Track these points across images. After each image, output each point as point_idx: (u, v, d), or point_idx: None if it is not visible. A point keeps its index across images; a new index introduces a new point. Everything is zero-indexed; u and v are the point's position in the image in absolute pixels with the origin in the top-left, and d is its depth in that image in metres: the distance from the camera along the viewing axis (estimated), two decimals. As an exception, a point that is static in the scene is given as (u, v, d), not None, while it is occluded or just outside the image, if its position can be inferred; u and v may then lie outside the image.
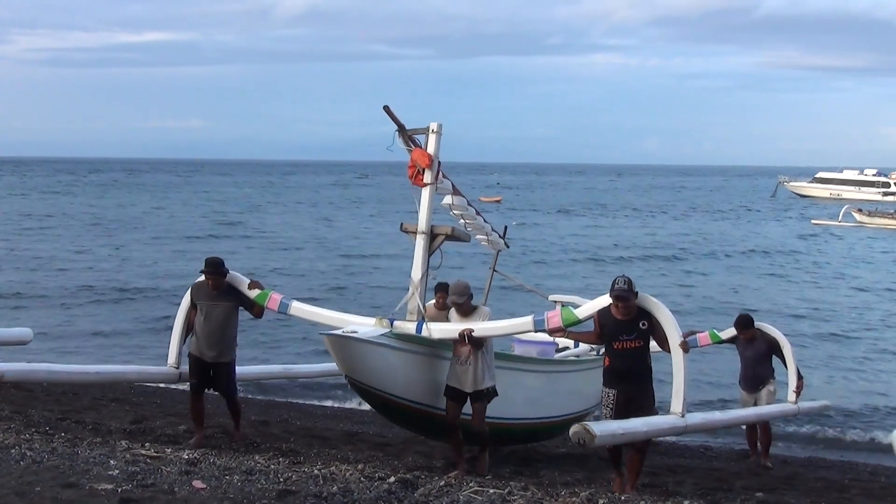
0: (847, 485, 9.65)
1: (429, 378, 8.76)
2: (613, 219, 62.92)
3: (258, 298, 9.31)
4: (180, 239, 42.70)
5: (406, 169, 9.48)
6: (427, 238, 9.28)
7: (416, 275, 9.21)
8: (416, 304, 9.14)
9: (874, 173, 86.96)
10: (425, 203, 9.28)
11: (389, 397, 8.48)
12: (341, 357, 8.15)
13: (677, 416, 8.13)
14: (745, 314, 11.28)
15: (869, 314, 25.54)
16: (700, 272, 34.45)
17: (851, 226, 55.74)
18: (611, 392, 8.11)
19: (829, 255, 41.69)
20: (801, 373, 10.84)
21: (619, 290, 7.93)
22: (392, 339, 8.45)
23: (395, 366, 8.40)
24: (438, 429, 8.93)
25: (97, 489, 6.62)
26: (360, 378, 8.30)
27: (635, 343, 8.00)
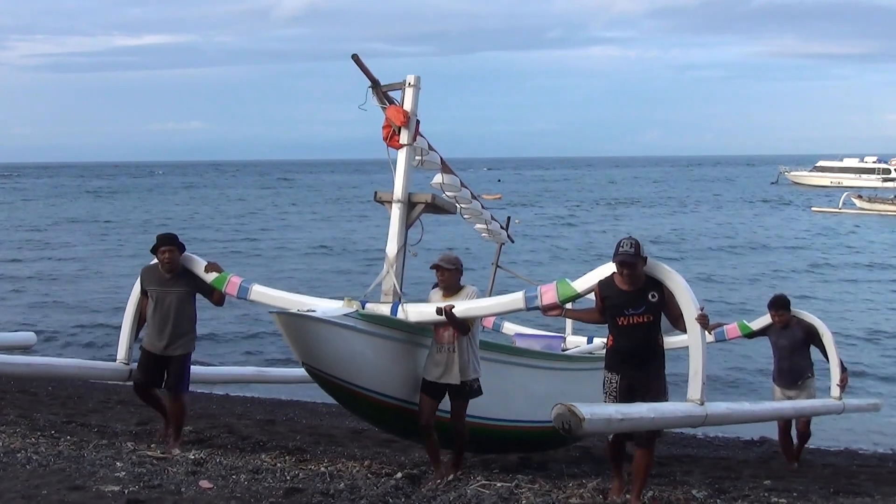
0: (855, 471, 9.65)
1: (405, 368, 7.68)
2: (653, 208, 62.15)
3: (215, 283, 8.35)
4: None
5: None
6: (404, 207, 8.23)
7: (392, 250, 8.14)
8: (391, 284, 8.07)
9: (874, 160, 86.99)
10: (401, 167, 8.24)
11: (356, 389, 7.37)
12: (295, 340, 7.02)
13: (695, 404, 6.89)
14: (781, 294, 10.07)
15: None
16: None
17: (852, 212, 55.72)
18: (613, 377, 7.00)
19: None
20: (844, 364, 9.80)
21: (624, 254, 6.81)
22: (359, 322, 7.34)
23: (363, 353, 7.31)
24: (414, 428, 7.88)
25: (104, 491, 6.61)
26: (319, 366, 7.19)
27: (643, 318, 6.87)
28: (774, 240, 42.69)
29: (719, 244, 40.64)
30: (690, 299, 6.85)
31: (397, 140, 8.25)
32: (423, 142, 8.62)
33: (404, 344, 7.64)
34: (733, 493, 7.79)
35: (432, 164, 9.08)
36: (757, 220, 53.48)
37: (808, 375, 9.67)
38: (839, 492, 8.20)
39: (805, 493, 7.99)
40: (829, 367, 9.65)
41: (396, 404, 7.60)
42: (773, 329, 9.78)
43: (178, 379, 8.44)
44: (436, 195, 8.47)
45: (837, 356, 9.65)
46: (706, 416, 7.02)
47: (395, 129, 8.23)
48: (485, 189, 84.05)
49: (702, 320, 6.82)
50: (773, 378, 9.97)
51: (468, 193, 10.12)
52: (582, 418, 6.08)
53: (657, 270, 6.94)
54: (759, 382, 15.25)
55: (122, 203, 74.24)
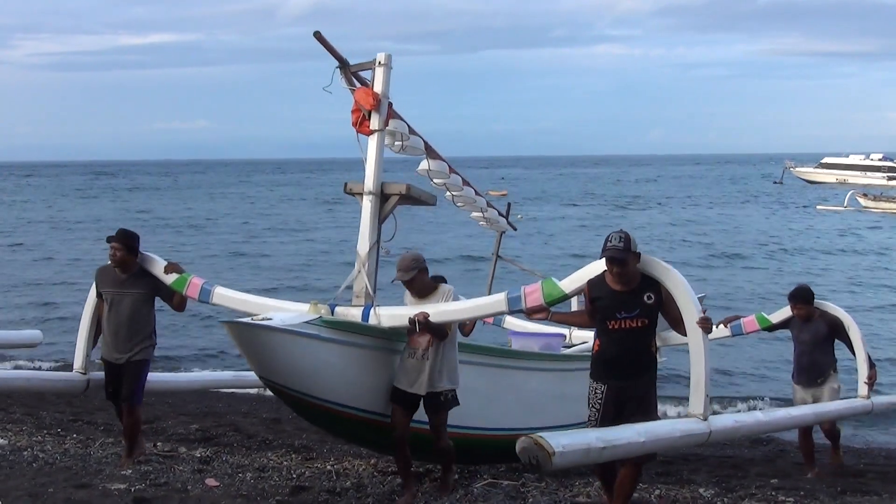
0: (862, 469, 9.60)
1: (378, 378, 6.90)
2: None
3: (175, 285, 7.57)
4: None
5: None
6: (376, 200, 7.47)
7: (364, 247, 7.37)
8: (363, 285, 7.33)
9: (880, 157, 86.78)
10: (372, 155, 7.51)
11: (322, 404, 6.59)
12: (249, 352, 6.25)
13: (697, 419, 6.10)
14: (804, 286, 9.15)
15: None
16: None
17: (856, 210, 55.60)
18: (599, 387, 6.15)
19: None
20: (872, 360, 9.02)
21: (613, 249, 5.98)
22: (323, 329, 6.57)
23: (329, 363, 6.54)
24: (391, 442, 7.08)
25: (110, 489, 6.62)
26: (277, 379, 6.41)
27: (637, 322, 6.04)
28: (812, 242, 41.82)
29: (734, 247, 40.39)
30: (691, 300, 6.07)
31: (367, 125, 7.54)
32: (401, 125, 7.91)
33: (377, 351, 6.89)
34: (740, 492, 7.76)
35: (415, 149, 8.34)
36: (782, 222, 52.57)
37: (831, 372, 8.87)
38: (846, 490, 8.16)
39: (812, 491, 7.96)
40: (857, 364, 8.94)
41: (371, 418, 6.85)
42: (794, 322, 8.98)
43: (132, 389, 7.58)
44: (411, 185, 7.64)
45: (866, 351, 8.88)
46: (710, 433, 6.15)
47: (365, 114, 7.53)
48: (490, 186, 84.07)
49: (704, 324, 6.04)
50: (792, 375, 9.17)
51: (459, 180, 9.37)
52: (551, 452, 5.04)
53: (653, 268, 6.13)
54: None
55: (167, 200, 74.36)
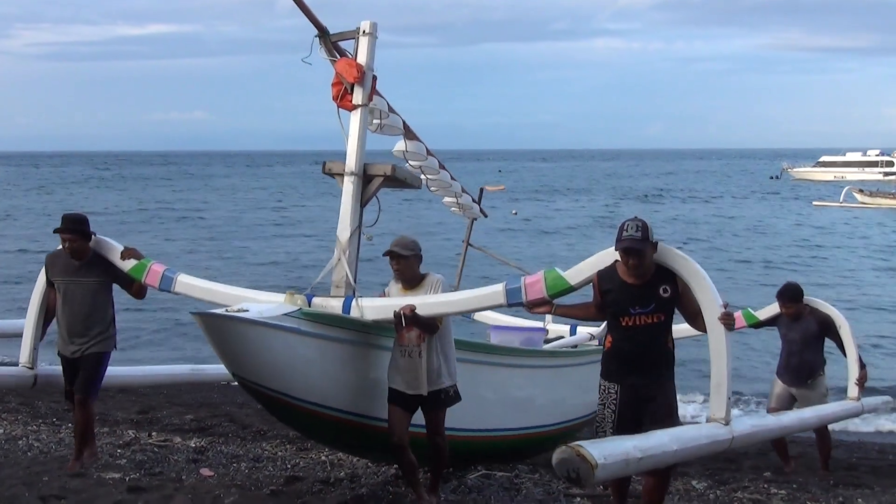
0: (855, 463, 9.63)
1: (361, 377, 6.37)
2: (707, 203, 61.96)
3: (133, 272, 6.98)
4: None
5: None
6: (358, 181, 6.91)
7: (344, 233, 6.81)
8: (343, 274, 6.76)
9: (877, 153, 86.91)
10: (355, 133, 6.92)
11: (301, 405, 6.03)
12: (223, 347, 5.64)
13: (719, 424, 5.62)
14: (793, 283, 8.78)
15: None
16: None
17: (853, 206, 55.67)
18: (612, 387, 5.73)
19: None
20: (863, 360, 8.71)
21: (630, 239, 5.50)
22: (303, 322, 6.00)
23: (309, 360, 5.99)
24: (377, 446, 6.65)
25: (105, 478, 6.63)
26: (253, 378, 5.84)
27: (653, 318, 5.59)
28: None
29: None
30: (711, 294, 5.55)
31: (350, 100, 6.97)
32: (381, 102, 7.42)
33: (360, 347, 6.36)
34: (733, 485, 7.80)
35: (393, 128, 7.82)
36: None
37: (820, 373, 8.54)
38: (839, 484, 8.20)
39: (805, 484, 8.00)
40: (847, 364, 8.62)
41: (353, 420, 6.36)
42: (782, 319, 8.65)
43: (87, 383, 6.98)
44: (396, 166, 7.14)
45: (856, 351, 8.56)
46: (732, 438, 5.70)
47: (348, 87, 6.94)
48: (487, 180, 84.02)
49: (726, 320, 5.51)
50: (776, 372, 8.83)
51: (436, 163, 8.87)
52: (594, 464, 4.58)
53: (669, 258, 5.63)
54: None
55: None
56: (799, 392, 8.54)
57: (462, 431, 6.98)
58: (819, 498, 7.33)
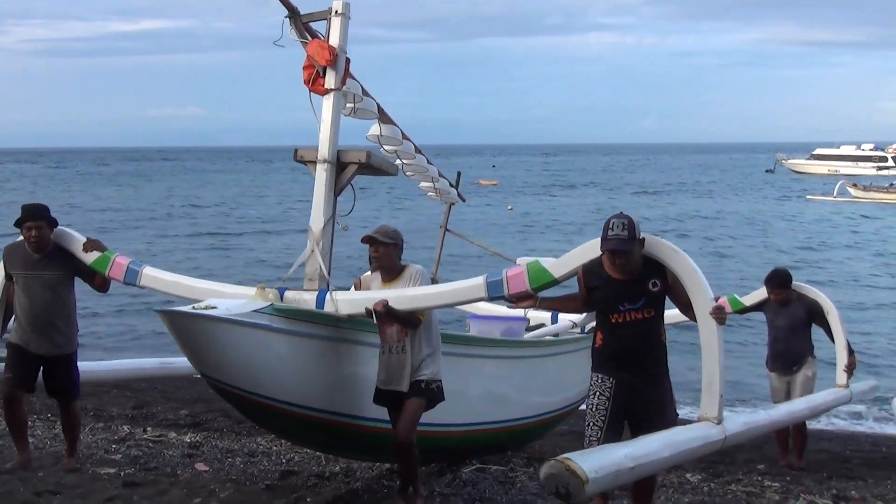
0: (848, 456, 9.66)
1: (337, 374, 6.09)
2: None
3: (97, 264, 6.66)
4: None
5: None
6: (332, 169, 6.62)
7: (317, 223, 6.53)
8: (316, 266, 6.47)
9: (871, 148, 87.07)
10: (328, 118, 6.65)
11: (275, 405, 5.76)
12: (190, 346, 5.38)
13: (711, 423, 5.40)
14: (782, 269, 8.58)
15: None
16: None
17: (846, 201, 55.76)
18: (606, 380, 5.49)
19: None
20: (851, 346, 8.48)
21: (615, 239, 5.27)
22: (275, 318, 5.75)
23: (281, 357, 5.71)
24: (355, 446, 6.49)
25: (100, 473, 6.64)
26: (223, 378, 5.55)
27: (643, 314, 5.39)
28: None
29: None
30: (702, 286, 5.33)
31: (322, 84, 6.69)
32: (355, 86, 7.17)
33: (335, 343, 6.09)
34: (727, 478, 7.83)
35: (367, 112, 7.56)
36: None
37: (809, 358, 8.42)
38: (832, 476, 8.23)
39: (798, 477, 8.04)
40: (836, 350, 8.43)
41: (329, 419, 6.07)
42: (770, 305, 8.46)
43: (68, 384, 6.84)
44: (372, 153, 6.86)
45: (845, 337, 8.35)
46: (725, 437, 5.47)
47: (319, 70, 6.67)
48: (481, 174, 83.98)
49: (717, 314, 5.30)
50: (766, 362, 8.69)
51: (411, 147, 8.60)
52: (585, 479, 4.25)
53: (659, 250, 5.40)
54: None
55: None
56: (788, 378, 8.46)
57: (442, 427, 6.75)
58: (813, 490, 7.36)
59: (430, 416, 6.13)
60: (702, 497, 7.06)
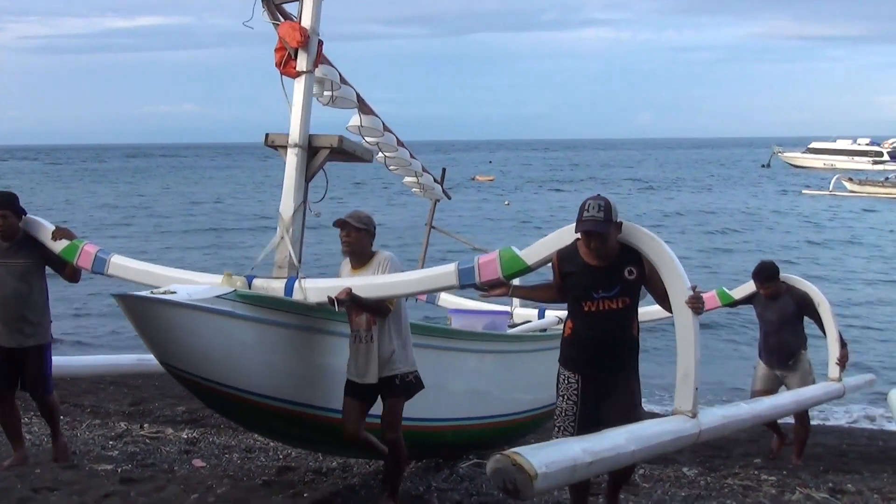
0: (845, 450, 9.68)
1: (306, 364, 5.88)
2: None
3: (65, 253, 6.48)
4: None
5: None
6: (303, 154, 6.47)
7: (287, 209, 6.42)
8: (286, 254, 6.34)
9: (867, 142, 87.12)
10: (299, 101, 6.49)
11: (240, 395, 5.53)
12: (148, 332, 5.11)
13: (685, 417, 5.17)
14: (768, 262, 8.38)
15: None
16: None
17: (842, 195, 55.80)
18: (572, 377, 5.29)
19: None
20: (843, 339, 8.25)
21: (591, 220, 5.05)
22: (238, 305, 5.52)
23: (245, 345, 5.48)
24: (324, 438, 6.20)
25: (97, 470, 6.64)
26: (184, 366, 5.30)
27: (617, 302, 5.16)
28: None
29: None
30: (679, 276, 5.11)
31: (293, 66, 6.53)
32: (332, 73, 6.98)
33: (303, 332, 5.87)
34: (724, 472, 7.84)
35: (346, 101, 7.37)
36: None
37: (802, 352, 8.26)
38: (829, 470, 8.25)
39: (795, 471, 8.05)
40: (827, 343, 8.21)
41: (298, 411, 5.84)
42: (759, 299, 8.30)
43: (40, 379, 6.63)
44: (344, 138, 6.65)
45: (837, 330, 8.13)
46: (700, 432, 5.23)
47: (291, 53, 6.50)
48: (477, 171, 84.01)
49: (694, 304, 5.06)
50: (758, 354, 8.52)
51: (393, 139, 8.39)
52: (533, 475, 3.97)
53: (635, 237, 5.19)
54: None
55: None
56: (783, 373, 8.32)
57: (423, 421, 6.60)
58: (809, 484, 7.38)
59: (415, 410, 6.05)
60: (698, 491, 7.07)
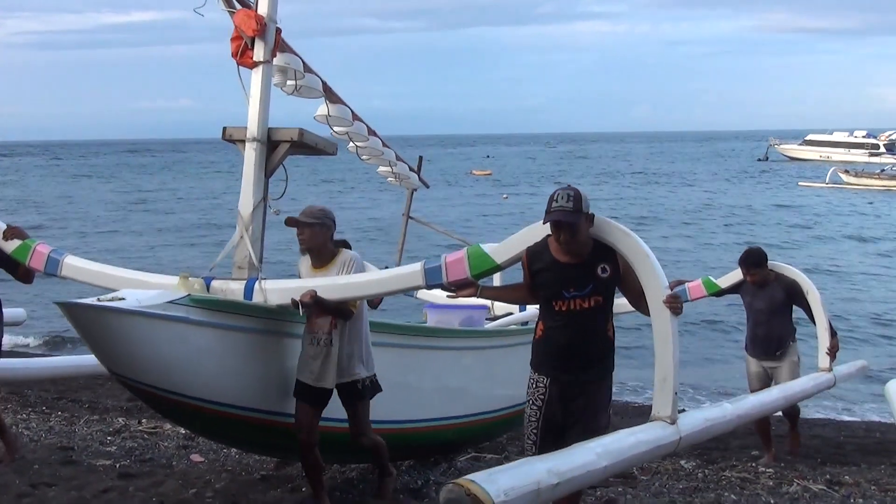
0: (842, 442, 9.71)
1: (268, 369, 5.58)
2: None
3: (17, 253, 6.17)
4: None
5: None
6: (262, 148, 6.14)
7: (247, 207, 6.07)
8: (245, 254, 6.00)
9: (864, 135, 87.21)
10: (256, 93, 6.18)
11: (199, 404, 5.19)
12: (95, 342, 4.83)
13: (664, 424, 4.81)
14: (755, 248, 8.09)
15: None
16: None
17: (838, 187, 55.86)
18: (541, 380, 4.98)
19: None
20: (833, 328, 7.95)
21: (559, 211, 4.72)
22: (193, 310, 5.13)
23: (201, 352, 5.13)
24: (288, 445, 5.78)
25: (95, 465, 6.66)
26: (136, 376, 4.98)
27: (590, 301, 4.83)
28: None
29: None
30: (655, 274, 4.78)
31: (250, 56, 6.21)
32: (295, 61, 6.73)
33: (263, 336, 5.57)
34: (721, 464, 7.85)
35: (311, 90, 7.10)
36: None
37: (791, 342, 7.97)
38: (826, 462, 8.28)
39: (792, 462, 8.07)
40: (817, 332, 7.89)
41: (258, 418, 5.54)
42: (746, 288, 7.98)
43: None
44: (305, 130, 6.31)
45: (826, 319, 7.82)
46: (679, 439, 4.87)
47: (248, 42, 6.19)
48: (475, 165, 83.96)
49: (672, 303, 4.73)
50: (745, 346, 8.24)
51: (364, 128, 8.09)
52: (486, 500, 3.51)
53: (607, 232, 4.86)
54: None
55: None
56: (770, 364, 8.01)
57: (396, 423, 6.39)
58: (807, 476, 7.39)
59: (387, 412, 5.97)
60: (696, 483, 7.09)
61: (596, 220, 4.83)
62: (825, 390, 8.19)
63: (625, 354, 11.99)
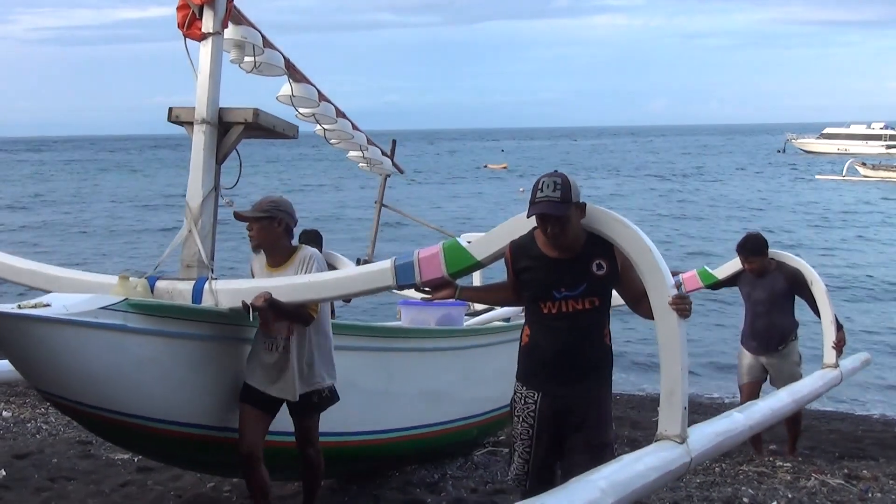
0: (860, 436, 9.64)
1: (216, 381, 4.91)
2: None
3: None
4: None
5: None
6: (212, 130, 5.47)
7: (196, 197, 5.39)
8: (194, 250, 5.33)
9: (882, 126, 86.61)
10: (206, 69, 5.49)
11: (136, 422, 4.54)
12: (17, 356, 4.24)
13: (672, 444, 4.20)
14: (754, 233, 7.57)
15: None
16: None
17: (856, 180, 55.47)
18: (530, 395, 4.36)
19: None
20: (839, 320, 7.51)
21: (545, 201, 4.10)
22: (131, 316, 4.44)
23: (140, 364, 4.46)
24: (235, 462, 5.03)
25: (114, 459, 6.69)
26: (62, 393, 4.35)
27: (583, 303, 4.23)
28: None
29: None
30: (659, 270, 4.17)
31: (198, 27, 5.51)
32: (254, 35, 6.05)
33: (216, 343, 4.93)
34: (738, 458, 7.82)
35: (273, 67, 6.42)
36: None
37: (793, 338, 7.49)
38: (844, 456, 8.23)
39: (810, 457, 8.03)
40: (822, 326, 7.49)
41: (208, 435, 4.89)
42: (745, 277, 7.47)
43: None
44: (260, 111, 5.58)
45: (832, 311, 7.36)
46: (691, 460, 4.27)
47: (195, 11, 5.47)
48: (490, 159, 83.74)
49: (679, 305, 4.13)
50: (741, 339, 7.72)
51: (332, 109, 7.42)
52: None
53: (604, 223, 4.25)
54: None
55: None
56: (769, 361, 7.54)
57: (368, 435, 5.92)
58: (825, 470, 7.35)
59: (359, 423, 5.58)
60: (713, 478, 7.07)
61: (589, 210, 4.26)
62: (833, 388, 7.76)
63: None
